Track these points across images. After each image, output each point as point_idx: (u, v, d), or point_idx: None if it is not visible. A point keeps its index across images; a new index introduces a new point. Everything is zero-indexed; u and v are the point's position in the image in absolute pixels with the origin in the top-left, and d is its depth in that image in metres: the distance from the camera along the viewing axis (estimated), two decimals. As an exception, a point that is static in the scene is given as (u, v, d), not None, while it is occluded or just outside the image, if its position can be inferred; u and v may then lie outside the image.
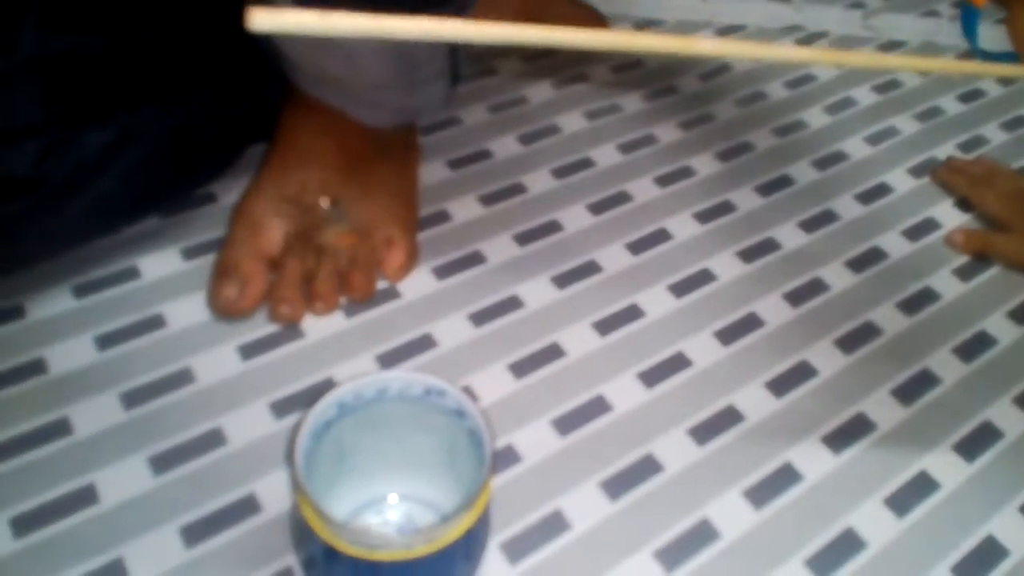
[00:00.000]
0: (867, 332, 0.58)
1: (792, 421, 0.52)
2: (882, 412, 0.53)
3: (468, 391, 0.52)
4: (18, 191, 0.47)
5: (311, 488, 0.36)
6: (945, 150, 0.74)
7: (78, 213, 0.50)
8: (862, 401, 0.54)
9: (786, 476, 0.49)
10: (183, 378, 0.51)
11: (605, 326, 0.57)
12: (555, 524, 0.46)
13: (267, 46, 0.56)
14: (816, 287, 0.61)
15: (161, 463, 0.47)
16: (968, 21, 0.45)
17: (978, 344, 0.58)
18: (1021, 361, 0.57)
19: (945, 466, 0.51)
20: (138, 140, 0.51)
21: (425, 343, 0.54)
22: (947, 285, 0.62)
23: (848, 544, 0.47)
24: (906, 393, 0.55)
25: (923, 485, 0.50)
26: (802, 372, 0.55)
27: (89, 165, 0.48)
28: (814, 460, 0.50)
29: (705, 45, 0.31)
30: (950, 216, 0.68)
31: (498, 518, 0.46)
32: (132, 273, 0.56)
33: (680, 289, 0.60)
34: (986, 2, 0.45)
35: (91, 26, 0.48)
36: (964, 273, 0.63)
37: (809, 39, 0.85)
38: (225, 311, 0.53)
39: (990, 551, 0.47)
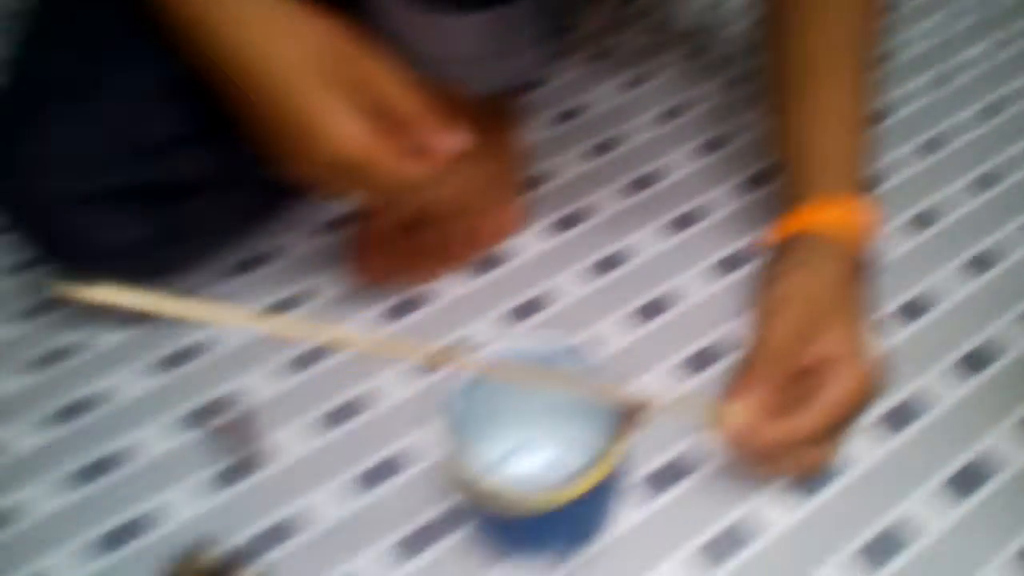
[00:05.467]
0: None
1: (918, 349, 0.54)
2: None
3: (589, 345, 0.56)
4: (189, 192, 0.52)
5: (462, 446, 0.41)
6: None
7: (241, 204, 0.56)
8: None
9: (918, 405, 0.52)
10: (331, 348, 0.56)
11: (720, 270, 0.59)
12: (687, 463, 0.50)
13: (366, 29, 0.59)
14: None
15: (329, 421, 0.53)
16: None
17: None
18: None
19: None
20: None
21: (547, 298, 0.58)
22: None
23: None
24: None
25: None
26: (928, 300, 0.57)
27: (250, 157, 0.51)
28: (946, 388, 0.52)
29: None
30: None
31: (636, 455, 0.50)
32: (280, 250, 0.61)
33: (788, 227, 0.61)
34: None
35: None
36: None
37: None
38: (368, 280, 0.58)
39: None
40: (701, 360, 0.55)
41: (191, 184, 0.53)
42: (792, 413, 0.42)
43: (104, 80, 0.50)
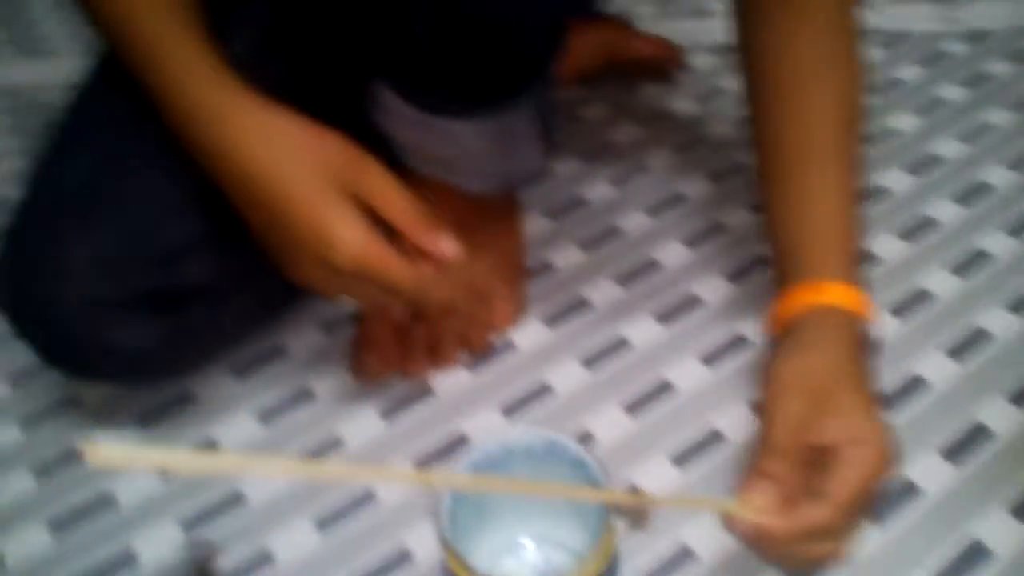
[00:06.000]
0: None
1: (908, 436, 0.54)
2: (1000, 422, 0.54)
3: (586, 437, 0.56)
4: (196, 297, 0.54)
5: (457, 544, 0.41)
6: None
7: (247, 307, 0.58)
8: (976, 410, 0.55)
9: (908, 493, 0.51)
10: (334, 444, 0.57)
11: (712, 358, 0.60)
12: (682, 556, 0.50)
13: (375, 131, 0.62)
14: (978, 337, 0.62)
15: (325, 523, 0.53)
16: None
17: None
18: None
19: None
20: None
21: (543, 391, 0.59)
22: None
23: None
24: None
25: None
26: (915, 386, 0.57)
27: (255, 262, 0.53)
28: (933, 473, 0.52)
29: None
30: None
31: (628, 553, 0.49)
32: (281, 351, 0.63)
33: (782, 314, 0.62)
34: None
35: None
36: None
37: (891, 40, 0.85)
38: (367, 378, 0.59)
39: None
40: (698, 451, 0.55)
41: (199, 288, 0.55)
42: (806, 505, 0.40)
43: (122, 189, 0.52)
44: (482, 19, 0.50)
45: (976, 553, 0.49)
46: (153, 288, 0.53)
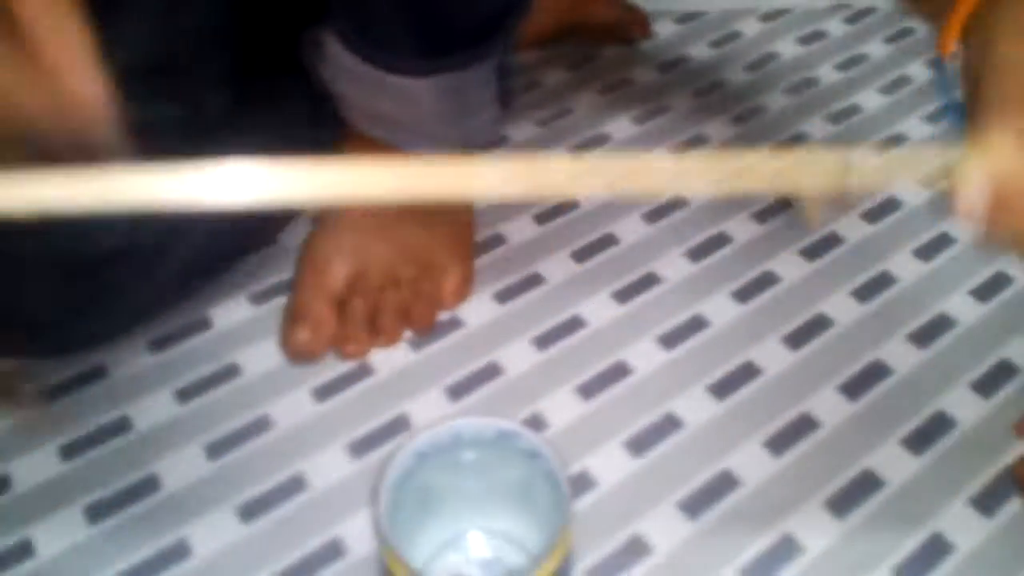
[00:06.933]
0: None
1: (869, 424, 0.51)
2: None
3: (537, 421, 0.52)
4: (111, 261, 0.48)
5: (397, 536, 0.37)
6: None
7: (165, 277, 0.52)
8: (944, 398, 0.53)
9: (868, 483, 0.49)
10: (262, 425, 0.52)
11: (670, 339, 0.56)
12: (636, 549, 0.46)
13: (320, 88, 0.56)
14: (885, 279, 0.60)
15: (248, 512, 0.48)
16: (940, 79, 0.38)
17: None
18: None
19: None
20: None
21: (492, 371, 0.55)
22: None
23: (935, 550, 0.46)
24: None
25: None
26: (876, 372, 0.54)
27: (178, 226, 0.49)
28: (895, 463, 0.49)
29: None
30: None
31: (579, 545, 0.46)
32: (204, 324, 0.58)
33: (743, 295, 0.59)
34: (951, 52, 0.39)
35: (168, 92, 0.47)
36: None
37: (857, 16, 0.83)
38: (299, 355, 0.54)
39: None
40: (656, 436, 0.51)
41: (110, 255, 0.49)
42: None
43: None
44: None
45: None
46: (57, 254, 0.47)
